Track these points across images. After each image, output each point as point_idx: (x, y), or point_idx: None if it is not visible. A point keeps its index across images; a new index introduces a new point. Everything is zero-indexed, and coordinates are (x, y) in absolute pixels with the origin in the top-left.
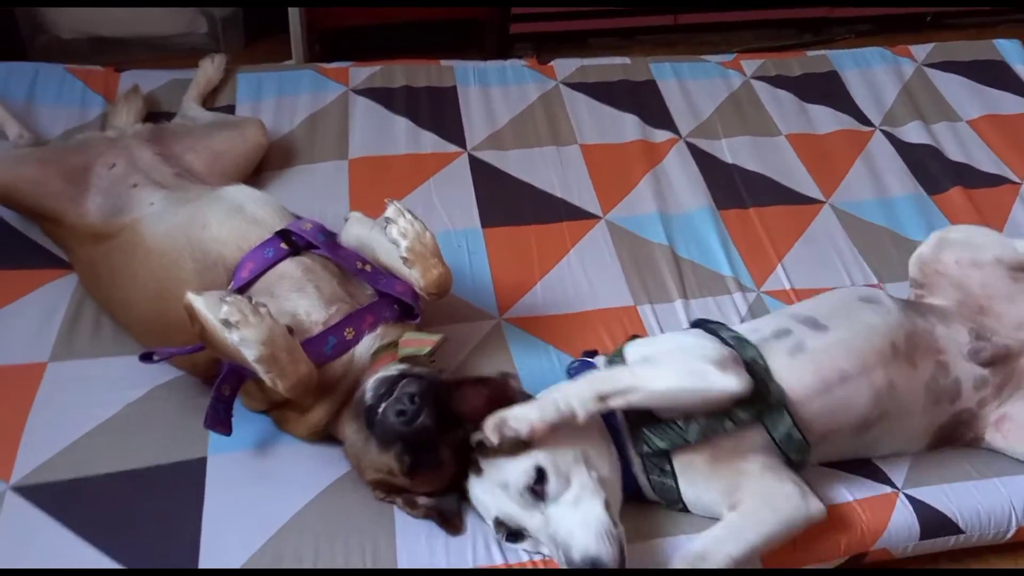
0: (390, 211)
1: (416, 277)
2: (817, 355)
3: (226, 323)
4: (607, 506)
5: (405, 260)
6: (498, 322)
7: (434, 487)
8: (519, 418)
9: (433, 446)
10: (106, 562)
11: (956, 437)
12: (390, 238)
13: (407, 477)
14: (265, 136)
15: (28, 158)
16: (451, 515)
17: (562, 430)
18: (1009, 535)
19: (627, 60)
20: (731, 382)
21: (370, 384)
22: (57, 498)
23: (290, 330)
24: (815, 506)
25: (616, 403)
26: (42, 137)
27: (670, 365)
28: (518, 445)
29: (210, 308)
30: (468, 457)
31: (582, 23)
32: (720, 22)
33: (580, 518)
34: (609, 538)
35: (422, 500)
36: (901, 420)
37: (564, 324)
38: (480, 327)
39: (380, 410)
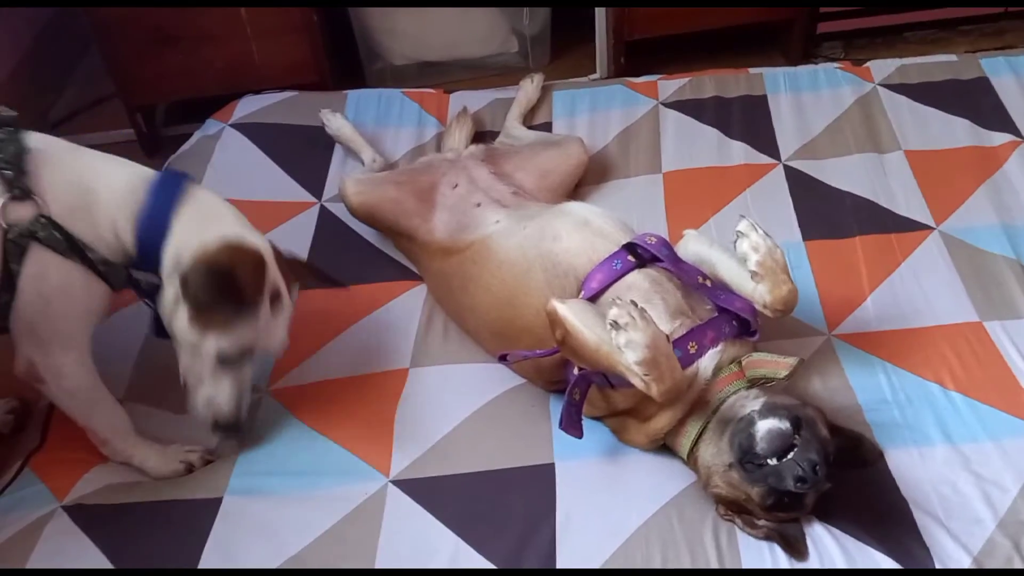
0: (742, 225)
1: (763, 293)
2: None
3: (614, 325)
4: None
5: (754, 275)
6: (828, 338)
7: (783, 522)
8: None
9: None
10: (474, 556)
11: None
12: (740, 252)
13: (764, 511)
14: (586, 153)
15: (386, 180)
16: (794, 540)
17: None
18: None
19: (953, 57)
20: None
21: (762, 433)
22: (427, 492)
23: (667, 337)
24: None
25: None
26: (389, 158)
27: None
28: None
29: (576, 314)
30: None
31: (896, 16)
32: None
33: None
34: None
35: (761, 522)
36: None
37: (901, 340)
38: (809, 343)
39: (773, 463)
